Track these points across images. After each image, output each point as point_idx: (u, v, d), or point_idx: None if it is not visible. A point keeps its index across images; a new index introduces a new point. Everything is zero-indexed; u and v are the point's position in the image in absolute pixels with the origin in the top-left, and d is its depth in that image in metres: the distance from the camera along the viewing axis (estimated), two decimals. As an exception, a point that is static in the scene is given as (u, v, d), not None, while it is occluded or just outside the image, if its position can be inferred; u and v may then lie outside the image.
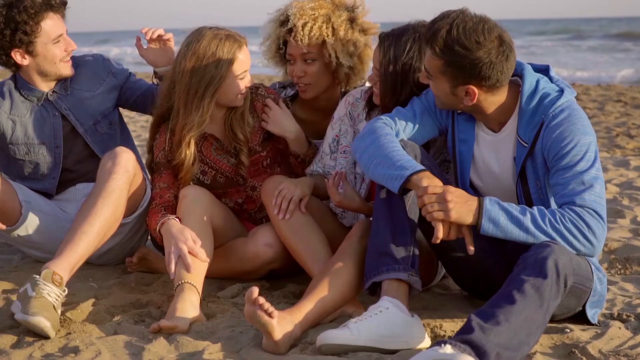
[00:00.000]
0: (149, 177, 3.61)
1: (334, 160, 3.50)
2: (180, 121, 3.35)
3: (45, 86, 3.75)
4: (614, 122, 9.22)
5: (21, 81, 3.75)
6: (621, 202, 5.16)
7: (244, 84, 3.38)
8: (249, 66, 3.40)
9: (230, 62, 3.32)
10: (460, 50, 2.76)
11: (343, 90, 3.73)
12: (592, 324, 2.93)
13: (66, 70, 3.73)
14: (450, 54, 2.79)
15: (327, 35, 3.54)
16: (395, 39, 3.20)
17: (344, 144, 3.50)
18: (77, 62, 3.82)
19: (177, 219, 3.26)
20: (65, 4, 3.70)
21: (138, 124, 9.58)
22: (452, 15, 2.82)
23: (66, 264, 3.05)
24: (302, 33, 3.52)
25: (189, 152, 3.38)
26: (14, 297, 3.23)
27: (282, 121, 3.50)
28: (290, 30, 3.57)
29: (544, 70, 3.02)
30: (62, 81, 3.77)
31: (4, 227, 3.29)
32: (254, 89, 3.52)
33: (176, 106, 3.36)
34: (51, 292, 2.93)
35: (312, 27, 3.52)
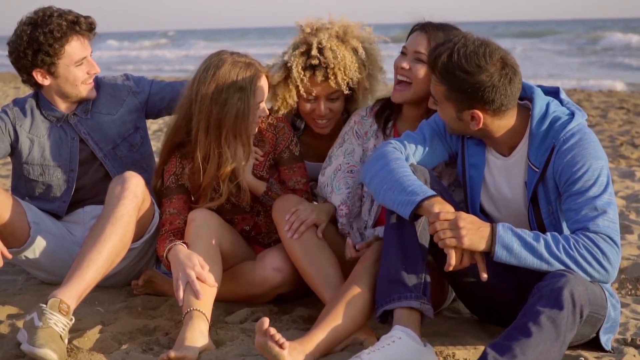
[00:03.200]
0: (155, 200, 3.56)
1: (330, 178, 3.45)
2: (201, 148, 3.28)
3: (66, 107, 3.71)
4: (617, 130, 9.11)
5: (42, 100, 3.71)
6: (628, 216, 5.06)
7: (260, 113, 3.33)
8: (266, 96, 3.35)
9: (252, 92, 3.25)
10: (461, 74, 2.74)
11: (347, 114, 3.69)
12: (606, 351, 2.90)
13: (87, 92, 3.68)
14: (452, 79, 2.77)
15: (361, 75, 3.46)
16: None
17: (351, 164, 3.46)
18: (99, 83, 3.77)
19: (184, 244, 3.22)
20: (93, 28, 3.64)
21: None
22: (454, 40, 2.80)
23: (74, 292, 3.01)
24: (337, 77, 3.40)
25: (212, 178, 3.33)
26: (19, 323, 3.19)
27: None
28: (324, 73, 3.40)
29: (554, 92, 2.99)
30: (83, 104, 3.72)
31: (10, 256, 3.24)
32: (265, 117, 3.45)
33: (195, 133, 3.30)
34: (58, 322, 2.89)
35: (352, 70, 3.41)
